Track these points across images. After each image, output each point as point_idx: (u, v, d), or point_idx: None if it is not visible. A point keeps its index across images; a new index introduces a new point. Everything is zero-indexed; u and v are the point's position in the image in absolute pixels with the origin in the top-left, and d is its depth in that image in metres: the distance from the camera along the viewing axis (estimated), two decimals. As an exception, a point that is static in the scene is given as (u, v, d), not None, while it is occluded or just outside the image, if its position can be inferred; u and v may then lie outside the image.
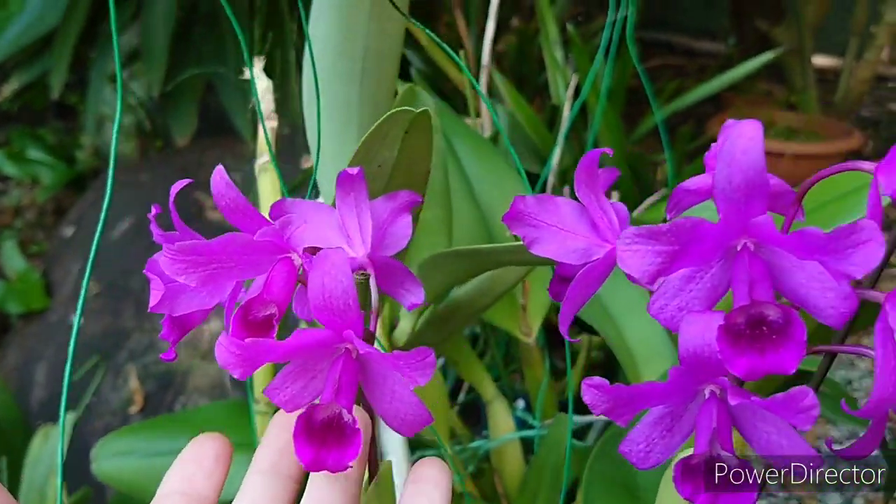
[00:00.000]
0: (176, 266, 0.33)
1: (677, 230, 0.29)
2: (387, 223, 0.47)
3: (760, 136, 0.28)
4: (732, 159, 0.29)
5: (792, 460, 0.33)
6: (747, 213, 0.30)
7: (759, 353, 0.29)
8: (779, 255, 0.31)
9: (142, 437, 0.74)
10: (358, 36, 0.61)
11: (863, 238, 0.28)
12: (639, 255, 0.30)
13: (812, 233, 0.28)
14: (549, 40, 1.69)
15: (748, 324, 0.30)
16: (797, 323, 0.29)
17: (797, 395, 0.29)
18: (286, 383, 0.37)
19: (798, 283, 0.31)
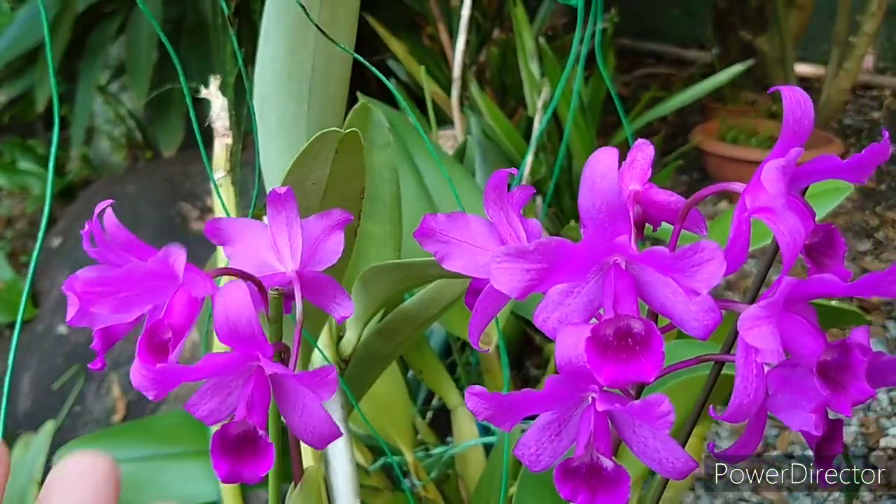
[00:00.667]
0: (88, 297, 0.36)
1: (543, 249, 0.32)
2: (319, 240, 0.50)
3: (615, 162, 0.31)
4: (593, 184, 0.31)
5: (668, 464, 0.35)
6: (612, 233, 0.32)
7: (624, 362, 0.32)
8: (646, 272, 0.33)
9: (101, 445, 0.76)
10: (305, 56, 0.64)
11: (705, 257, 0.30)
12: (509, 272, 0.32)
13: (659, 252, 0.31)
14: (525, 52, 1.72)
15: (615, 336, 0.32)
16: (656, 335, 0.32)
17: (654, 402, 0.32)
18: (204, 399, 0.39)
19: (664, 297, 0.33)
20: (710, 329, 0.33)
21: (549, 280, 0.33)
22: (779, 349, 0.31)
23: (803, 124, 0.34)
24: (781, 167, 0.31)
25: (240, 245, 0.47)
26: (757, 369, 0.33)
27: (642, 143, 0.46)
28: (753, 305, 0.32)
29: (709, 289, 0.30)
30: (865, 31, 2.48)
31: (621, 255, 0.33)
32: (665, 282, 0.33)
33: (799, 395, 0.35)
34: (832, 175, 0.35)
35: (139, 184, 2.12)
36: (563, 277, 0.33)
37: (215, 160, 0.72)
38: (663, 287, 0.33)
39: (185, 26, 2.23)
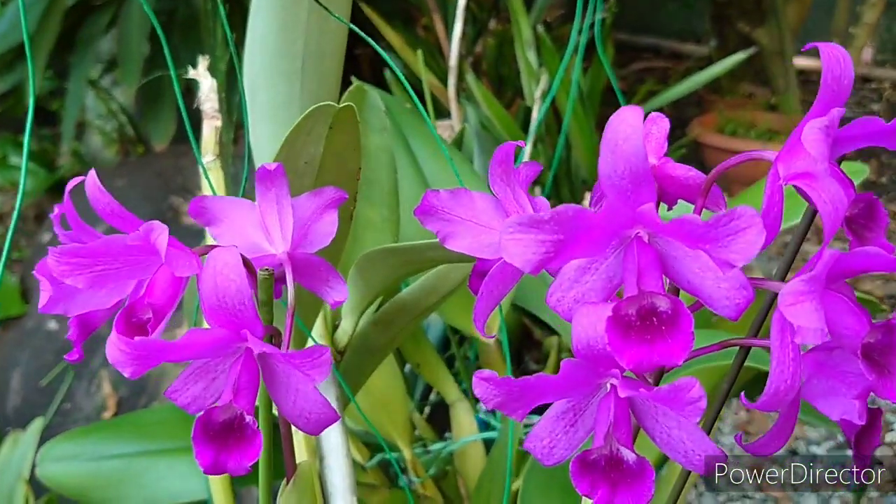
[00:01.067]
0: (62, 268, 0.33)
1: (559, 218, 0.29)
2: (311, 220, 0.46)
3: (640, 122, 0.28)
4: (616, 147, 0.28)
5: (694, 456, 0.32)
6: (635, 202, 0.29)
7: (649, 344, 0.29)
8: (672, 245, 0.30)
9: (88, 440, 0.73)
10: (297, 34, 0.61)
11: (742, 225, 0.27)
12: (522, 243, 0.29)
13: (690, 220, 0.28)
14: (522, 42, 1.69)
15: (638, 315, 0.29)
16: (685, 314, 0.29)
17: (683, 387, 0.29)
18: (188, 385, 0.36)
19: (692, 272, 0.30)
20: (742, 308, 0.30)
21: (564, 254, 0.30)
22: (823, 328, 0.28)
23: (843, 83, 0.31)
24: (824, 126, 0.28)
25: (226, 225, 0.44)
26: (794, 352, 0.30)
27: (657, 115, 0.43)
28: (794, 279, 0.29)
29: (746, 260, 0.27)
30: (865, 22, 2.46)
31: (645, 227, 0.30)
32: (693, 255, 0.30)
33: (837, 381, 0.32)
34: (873, 140, 0.32)
35: (130, 178, 2.09)
36: (580, 251, 0.30)
37: (204, 143, 0.69)
38: (691, 262, 0.30)
39: (176, 18, 2.20)
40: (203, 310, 0.32)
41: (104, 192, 0.35)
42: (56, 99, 2.64)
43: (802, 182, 0.29)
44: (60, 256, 0.34)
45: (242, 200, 0.46)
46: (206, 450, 0.34)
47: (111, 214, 0.35)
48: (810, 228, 0.36)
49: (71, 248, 0.34)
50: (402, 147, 0.89)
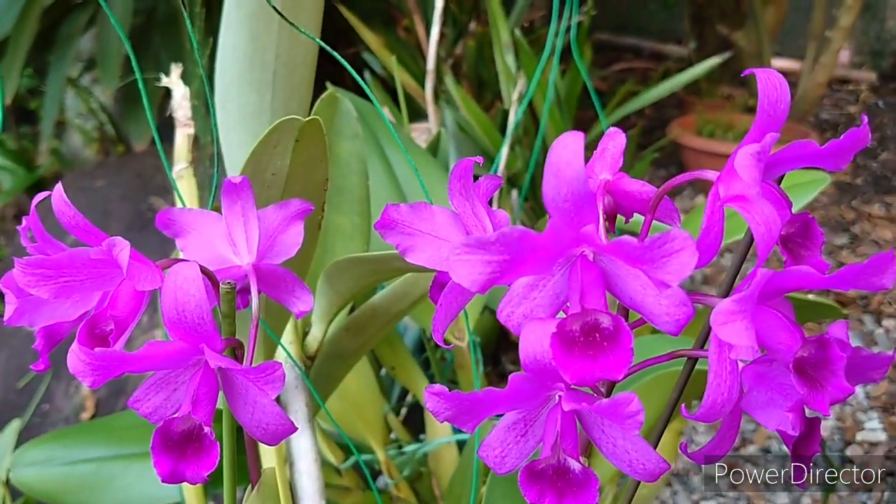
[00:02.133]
0: (27, 279, 0.33)
1: (505, 239, 0.30)
2: (277, 231, 0.47)
3: (581, 147, 0.29)
4: (558, 171, 0.29)
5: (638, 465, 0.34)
6: (578, 223, 0.30)
7: (591, 359, 0.30)
8: (615, 263, 0.32)
9: (61, 445, 0.74)
10: (268, 45, 0.62)
11: (675, 247, 0.28)
12: (469, 264, 0.30)
13: (627, 242, 0.29)
14: (500, 45, 1.70)
15: (581, 331, 0.30)
16: (625, 331, 0.30)
17: (623, 401, 0.30)
18: (149, 395, 0.37)
19: (634, 290, 0.31)
20: (682, 324, 0.31)
21: (512, 273, 0.31)
22: (753, 345, 0.29)
23: (779, 108, 0.32)
24: (756, 153, 0.30)
25: (193, 237, 0.45)
26: (731, 366, 0.31)
27: (614, 131, 0.44)
28: (726, 299, 0.30)
29: (679, 280, 0.28)
30: (842, 26, 2.48)
31: (588, 247, 0.31)
32: (635, 274, 0.31)
33: (775, 393, 0.34)
34: (809, 162, 0.34)
35: (110, 178, 2.08)
36: (527, 270, 0.31)
37: (176, 151, 0.70)
38: (633, 280, 0.31)
39: (156, 17, 2.20)
40: (164, 323, 0.33)
41: (69, 206, 0.36)
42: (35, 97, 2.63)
43: (737, 204, 0.31)
44: (25, 268, 0.35)
45: (209, 213, 0.47)
46: (165, 459, 0.35)
47: (76, 227, 0.36)
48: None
49: (36, 260, 0.35)
50: (377, 153, 0.90)
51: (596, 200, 0.30)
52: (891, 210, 2.45)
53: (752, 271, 0.31)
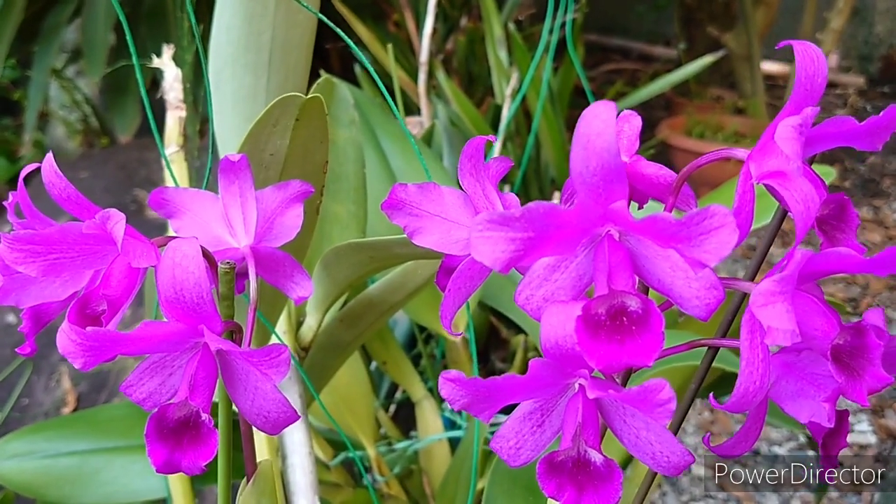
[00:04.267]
0: (14, 255, 0.31)
1: (530, 215, 0.28)
2: (275, 213, 0.45)
3: (613, 117, 0.27)
4: (588, 142, 0.28)
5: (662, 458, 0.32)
6: (606, 199, 0.29)
7: (619, 344, 0.28)
8: (643, 244, 0.30)
9: (42, 437, 0.71)
10: (264, 26, 0.60)
11: (715, 224, 0.26)
12: (491, 241, 0.28)
13: (663, 218, 0.27)
14: (493, 40, 1.69)
15: (608, 314, 0.29)
16: (655, 314, 0.28)
17: (653, 388, 0.28)
18: (143, 379, 0.35)
19: (663, 271, 0.30)
20: (713, 308, 0.29)
21: (535, 252, 0.29)
22: (795, 329, 0.27)
23: (816, 82, 0.31)
24: (798, 125, 0.28)
25: (188, 218, 0.43)
26: (764, 353, 0.30)
27: (630, 113, 0.43)
28: (766, 280, 0.28)
29: (719, 259, 0.27)
30: (832, 28, 2.48)
31: (617, 225, 0.29)
32: (664, 255, 0.29)
33: (806, 383, 0.32)
34: (846, 140, 0.32)
35: (93, 170, 2.05)
36: (550, 249, 0.29)
37: (167, 134, 0.68)
38: (662, 261, 0.29)
39: (142, 8, 2.16)
40: (160, 302, 0.31)
41: (60, 177, 0.33)
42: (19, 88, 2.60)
43: (775, 181, 0.29)
44: (13, 243, 0.32)
45: (205, 192, 0.45)
46: (160, 448, 0.33)
47: (67, 200, 0.34)
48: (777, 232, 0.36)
49: (24, 235, 0.33)
50: (371, 142, 0.88)
51: (625, 175, 0.28)
52: (879, 213, 2.45)
53: (787, 254, 0.29)
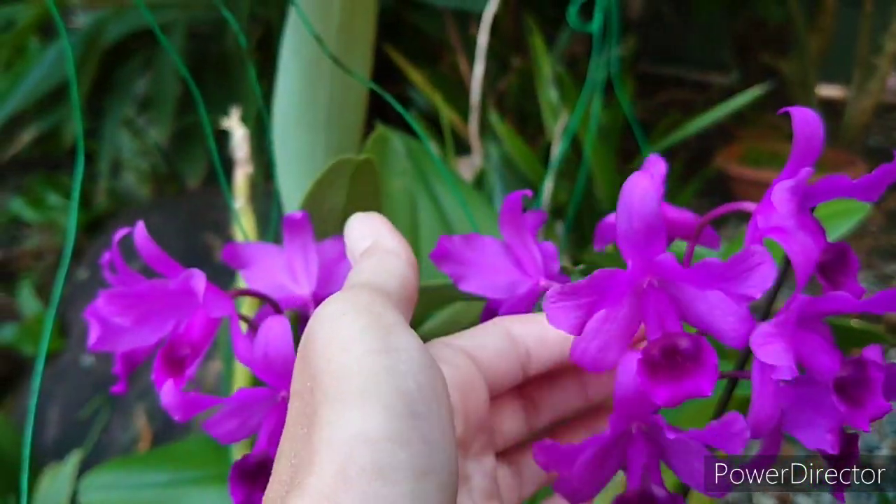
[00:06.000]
0: (111, 308, 0.37)
1: (595, 283, 0.32)
2: (335, 262, 0.50)
3: (654, 186, 0.32)
4: (632, 207, 0.32)
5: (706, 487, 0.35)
6: (650, 253, 0.33)
7: (677, 380, 0.32)
8: (682, 289, 0.34)
9: (126, 471, 0.77)
10: (321, 88, 0.65)
11: (756, 261, 0.31)
12: (563, 311, 0.32)
13: (712, 263, 0.31)
14: (543, 79, 1.73)
15: (663, 355, 0.32)
16: (707, 349, 0.32)
17: (730, 422, 0.32)
18: (224, 421, 0.40)
19: (702, 311, 0.33)
20: (745, 338, 0.33)
21: (596, 310, 0.33)
22: (792, 365, 0.31)
23: (813, 144, 0.34)
24: (792, 187, 0.32)
25: (256, 268, 0.48)
26: (773, 386, 0.33)
27: (654, 159, 0.46)
28: (766, 322, 0.32)
29: (763, 291, 0.31)
30: (888, 52, 2.47)
31: (662, 275, 0.33)
32: (702, 296, 0.33)
33: (814, 413, 0.35)
34: (843, 194, 0.35)
35: (164, 215, 2.15)
36: (607, 304, 0.33)
37: (236, 189, 0.73)
38: (699, 302, 0.33)
39: (209, 60, 2.27)
40: (254, 370, 0.37)
41: (151, 242, 0.39)
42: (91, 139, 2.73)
43: (776, 235, 0.33)
44: (110, 298, 0.38)
45: (271, 246, 0.50)
46: (241, 488, 0.38)
47: (157, 261, 0.40)
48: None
49: (120, 291, 0.38)
50: (424, 189, 0.93)
51: (665, 231, 0.32)
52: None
53: (792, 297, 0.32)
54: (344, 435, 0.27)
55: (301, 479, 0.27)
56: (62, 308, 2.21)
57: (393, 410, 0.28)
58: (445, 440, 0.29)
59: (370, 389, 0.28)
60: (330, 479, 0.27)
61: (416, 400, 0.29)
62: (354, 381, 0.28)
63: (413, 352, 0.30)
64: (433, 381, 0.30)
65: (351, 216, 0.41)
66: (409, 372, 0.29)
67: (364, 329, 0.30)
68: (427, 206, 0.91)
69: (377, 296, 0.32)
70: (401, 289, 0.35)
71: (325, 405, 0.28)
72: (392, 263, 0.36)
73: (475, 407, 0.37)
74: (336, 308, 0.31)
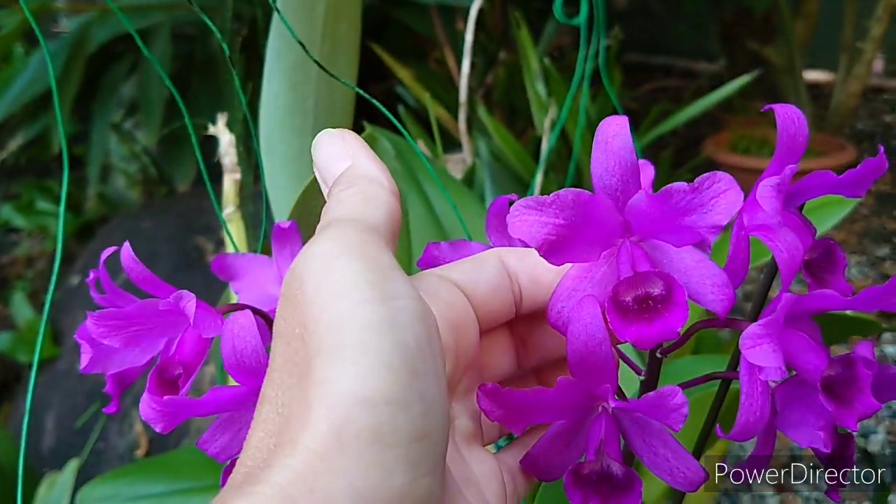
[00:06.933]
0: (100, 330, 0.36)
1: (560, 200, 0.31)
2: (324, 271, 0.50)
3: (627, 126, 0.32)
4: (606, 146, 0.32)
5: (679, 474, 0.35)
6: (625, 195, 0.32)
7: (647, 322, 0.31)
8: (661, 248, 0.33)
9: (123, 481, 0.77)
10: (307, 92, 0.65)
11: (723, 188, 0.30)
12: (527, 223, 0.31)
13: (677, 187, 0.31)
14: (531, 73, 1.73)
15: (635, 301, 0.32)
16: (678, 287, 0.31)
17: (666, 394, 0.32)
18: (216, 436, 0.39)
19: (680, 271, 0.33)
20: (726, 305, 0.32)
21: (567, 245, 0.32)
22: (780, 366, 0.31)
23: (797, 141, 0.34)
24: (776, 185, 0.32)
25: (247, 280, 0.48)
26: (762, 387, 0.33)
27: (644, 163, 0.46)
28: (754, 324, 0.32)
29: (729, 218, 0.30)
30: (872, 36, 2.48)
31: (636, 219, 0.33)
32: (678, 256, 0.33)
33: (806, 412, 0.35)
34: (829, 191, 0.36)
35: (155, 219, 2.14)
36: (580, 247, 0.33)
37: (224, 196, 0.73)
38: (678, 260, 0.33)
39: (195, 62, 2.26)
40: (226, 369, 0.36)
41: (138, 263, 0.39)
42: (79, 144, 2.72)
43: (760, 234, 0.33)
44: (99, 320, 0.38)
45: (260, 257, 0.50)
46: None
47: (145, 281, 0.39)
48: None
49: (108, 313, 0.38)
50: (415, 188, 0.93)
51: (640, 172, 0.32)
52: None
53: (777, 296, 0.32)
54: (341, 393, 0.26)
55: (293, 436, 0.26)
56: (55, 315, 2.20)
57: (391, 368, 0.27)
58: (441, 396, 0.28)
59: (368, 344, 0.27)
60: (325, 440, 0.26)
61: (414, 355, 0.27)
62: (352, 334, 0.27)
63: (410, 300, 0.28)
64: (430, 331, 0.29)
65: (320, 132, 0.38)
66: (407, 323, 0.28)
67: (359, 274, 0.28)
68: (418, 206, 0.91)
69: (368, 234, 0.30)
70: (388, 223, 0.32)
71: (319, 358, 0.27)
72: (376, 193, 0.33)
73: (466, 346, 0.35)
74: (327, 248, 0.29)
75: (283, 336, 0.29)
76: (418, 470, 0.27)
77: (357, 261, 0.29)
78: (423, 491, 0.27)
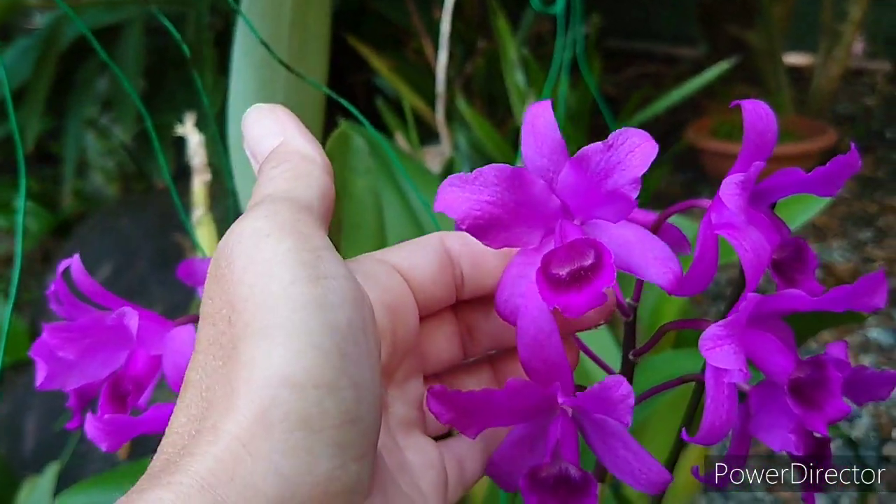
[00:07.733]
0: (55, 342, 0.35)
1: (482, 177, 0.31)
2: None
3: (550, 108, 0.32)
4: (533, 128, 0.32)
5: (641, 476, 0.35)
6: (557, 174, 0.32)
7: (577, 290, 0.31)
8: (601, 227, 0.33)
9: (99, 489, 0.75)
10: (276, 89, 0.64)
11: (637, 142, 0.30)
12: (450, 199, 0.31)
13: (593, 147, 0.31)
14: (509, 62, 1.72)
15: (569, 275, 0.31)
16: (605, 251, 0.31)
17: (610, 386, 0.31)
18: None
19: (620, 245, 0.32)
20: (673, 279, 0.32)
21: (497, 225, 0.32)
22: (743, 368, 0.30)
23: (766, 137, 0.33)
24: (740, 182, 0.31)
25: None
26: (728, 390, 0.32)
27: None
28: (713, 325, 0.31)
29: (645, 169, 0.30)
30: (851, 19, 2.48)
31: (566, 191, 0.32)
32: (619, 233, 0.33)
33: (779, 415, 0.35)
34: (799, 189, 0.35)
35: (133, 216, 2.12)
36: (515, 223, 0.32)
37: (194, 197, 0.72)
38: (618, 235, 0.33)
39: (169, 56, 2.24)
40: (168, 385, 0.35)
41: (87, 276, 0.38)
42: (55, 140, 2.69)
43: (726, 232, 0.32)
44: (53, 332, 0.37)
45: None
46: None
47: (95, 294, 0.38)
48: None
49: (62, 325, 0.37)
50: (390, 184, 0.92)
51: (566, 151, 0.32)
52: (915, 201, 2.43)
53: (742, 296, 0.32)
54: (267, 376, 0.25)
55: (215, 421, 0.25)
56: (33, 315, 2.18)
57: (321, 350, 0.25)
58: (374, 381, 0.27)
59: (298, 324, 0.26)
60: (248, 425, 0.25)
61: (346, 338, 0.26)
62: (281, 314, 0.26)
63: (343, 280, 0.27)
64: (363, 312, 0.28)
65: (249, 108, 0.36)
66: (339, 304, 0.27)
67: (289, 253, 0.27)
68: (394, 202, 0.90)
69: (300, 213, 0.29)
70: (321, 200, 0.31)
71: (246, 340, 0.26)
72: (309, 170, 0.32)
73: (404, 332, 0.34)
74: (257, 226, 0.28)
75: (210, 317, 0.28)
76: (346, 455, 0.26)
77: (288, 239, 0.27)
78: (352, 477, 0.26)
